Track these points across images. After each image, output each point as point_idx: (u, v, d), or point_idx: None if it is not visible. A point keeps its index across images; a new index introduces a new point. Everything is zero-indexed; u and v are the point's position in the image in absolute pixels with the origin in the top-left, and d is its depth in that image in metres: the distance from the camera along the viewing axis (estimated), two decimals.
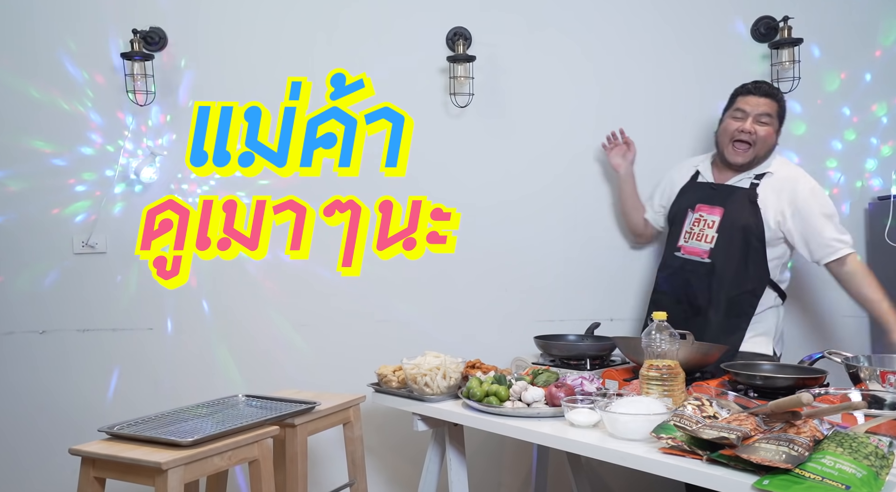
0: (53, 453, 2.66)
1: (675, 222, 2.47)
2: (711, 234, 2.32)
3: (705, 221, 2.35)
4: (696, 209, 2.38)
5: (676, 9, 2.75)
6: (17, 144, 2.70)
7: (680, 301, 2.36)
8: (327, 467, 2.79)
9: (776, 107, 2.31)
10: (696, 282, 2.34)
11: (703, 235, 2.35)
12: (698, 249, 2.36)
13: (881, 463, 1.24)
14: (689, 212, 2.40)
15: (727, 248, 2.29)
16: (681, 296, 2.37)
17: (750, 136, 2.28)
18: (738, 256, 2.29)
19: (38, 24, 2.68)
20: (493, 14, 2.75)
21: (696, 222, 2.37)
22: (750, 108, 2.30)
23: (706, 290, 2.32)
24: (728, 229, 2.30)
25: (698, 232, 2.36)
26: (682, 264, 2.39)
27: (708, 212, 2.35)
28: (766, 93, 2.31)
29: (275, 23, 2.74)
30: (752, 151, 2.29)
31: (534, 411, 1.80)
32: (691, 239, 2.38)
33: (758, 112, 2.29)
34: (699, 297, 2.33)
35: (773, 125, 2.31)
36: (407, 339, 2.68)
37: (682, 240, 2.40)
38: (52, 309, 2.73)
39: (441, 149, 2.78)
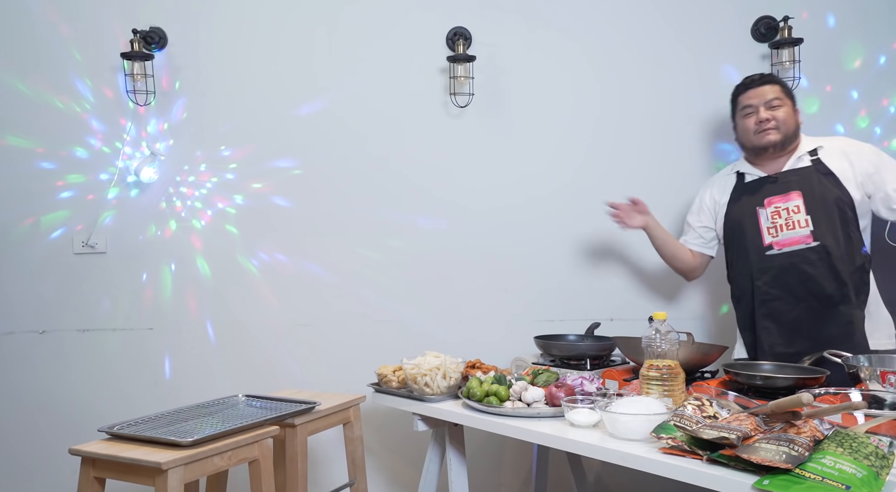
0: (53, 453, 2.66)
1: (741, 227, 2.27)
2: (802, 217, 2.14)
3: (787, 209, 2.17)
4: (767, 204, 2.20)
5: (676, 9, 2.75)
6: (16, 145, 2.70)
7: (803, 299, 2.14)
8: (327, 467, 2.79)
9: (779, 89, 2.24)
10: (814, 270, 2.11)
11: (794, 221, 2.15)
12: (797, 236, 2.15)
13: (881, 463, 1.24)
14: (759, 209, 2.22)
15: (829, 224, 2.11)
16: (802, 293, 2.14)
17: (770, 122, 2.19)
18: (841, 230, 2.11)
19: (38, 23, 2.68)
20: (493, 14, 2.75)
21: (775, 215, 2.18)
22: (755, 100, 2.24)
23: (831, 273, 2.10)
24: (818, 205, 2.13)
25: (784, 222, 2.17)
26: (784, 259, 2.16)
27: (783, 201, 2.18)
28: (762, 81, 2.26)
29: (275, 22, 2.74)
30: (780, 131, 2.19)
31: (534, 411, 1.80)
32: (780, 231, 2.18)
33: (766, 99, 2.22)
34: (826, 284, 2.10)
35: (787, 104, 2.22)
36: (407, 339, 2.68)
37: (769, 236, 2.19)
38: (52, 309, 2.73)
39: (441, 149, 2.78)
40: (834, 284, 2.10)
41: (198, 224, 2.76)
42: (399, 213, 2.78)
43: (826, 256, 2.11)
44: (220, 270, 2.76)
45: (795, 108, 2.26)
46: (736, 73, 2.67)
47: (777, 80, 2.29)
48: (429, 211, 2.78)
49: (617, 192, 2.73)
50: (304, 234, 2.77)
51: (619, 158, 2.77)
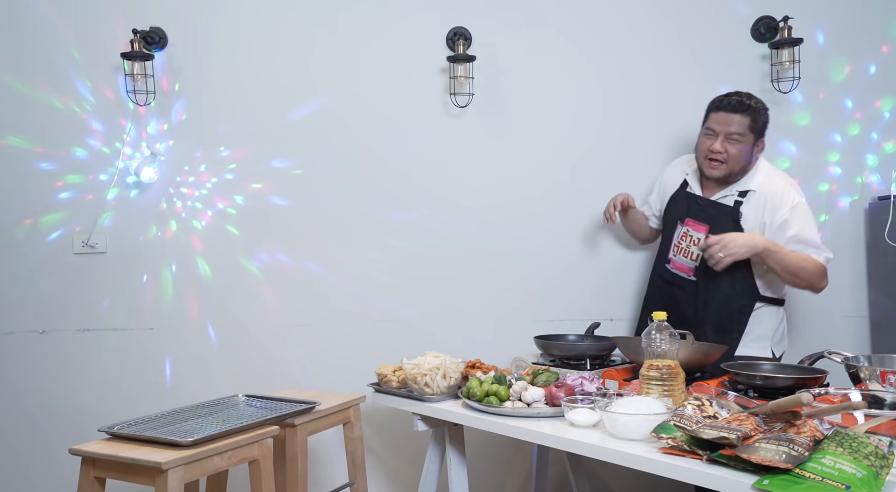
0: (53, 453, 2.66)
1: (666, 231, 2.48)
2: (697, 252, 2.31)
3: (691, 237, 2.35)
4: (685, 223, 2.38)
5: (677, 8, 2.75)
6: (15, 145, 2.70)
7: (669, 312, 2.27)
8: (327, 467, 2.79)
9: (748, 122, 2.22)
10: (683, 298, 2.35)
11: (689, 252, 2.35)
12: (685, 265, 2.36)
13: (881, 463, 1.24)
14: (679, 224, 2.40)
15: (712, 269, 2.22)
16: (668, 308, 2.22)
17: (720, 154, 2.24)
18: (723, 277, 2.24)
19: (38, 23, 2.68)
20: (493, 14, 2.75)
21: (683, 236, 2.38)
22: (719, 126, 2.24)
23: (692, 307, 2.33)
24: None
25: (685, 248, 2.37)
26: (670, 278, 2.41)
27: (694, 228, 2.34)
28: (735, 108, 2.23)
29: (275, 22, 2.74)
30: (726, 167, 2.26)
31: (534, 411, 1.80)
32: (678, 254, 2.39)
33: (727, 131, 2.23)
34: (686, 312, 2.32)
35: (746, 141, 2.23)
36: (407, 339, 2.68)
37: (672, 253, 2.41)
38: (52, 309, 2.73)
39: (441, 149, 2.78)
40: (691, 316, 2.30)
41: (198, 224, 2.76)
42: (399, 213, 2.78)
43: (695, 292, 2.33)
44: (221, 270, 2.76)
45: (759, 141, 2.28)
46: (736, 73, 2.67)
47: (751, 111, 2.24)
48: (429, 211, 2.78)
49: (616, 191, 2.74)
50: (304, 233, 2.77)
51: (619, 158, 2.78)
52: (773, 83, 2.66)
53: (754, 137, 2.26)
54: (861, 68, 2.72)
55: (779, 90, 2.66)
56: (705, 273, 2.29)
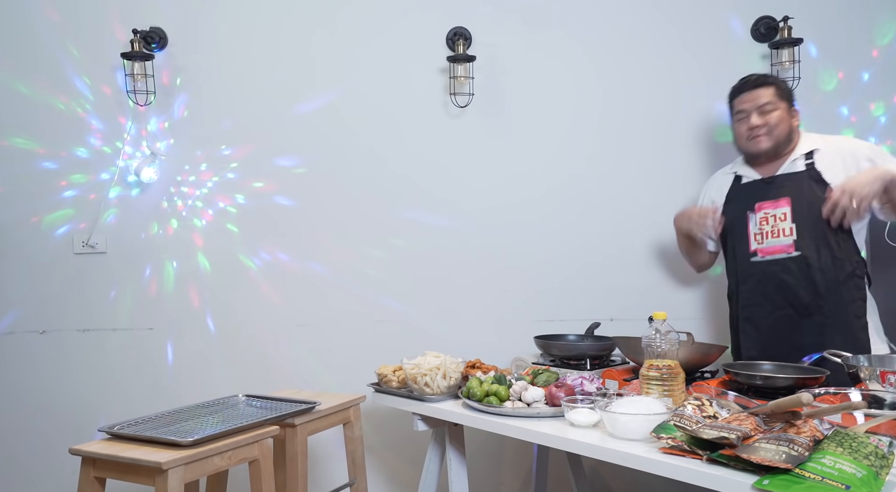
0: (53, 453, 2.66)
1: (733, 231, 2.31)
2: (788, 226, 2.16)
3: (775, 216, 2.19)
4: (757, 209, 2.23)
5: (677, 8, 2.75)
6: (17, 146, 2.70)
7: (780, 307, 2.17)
8: (327, 467, 2.79)
9: (773, 91, 2.20)
10: (793, 280, 2.15)
11: (778, 230, 2.18)
12: (779, 245, 2.18)
13: (881, 463, 1.24)
14: (750, 214, 2.25)
15: (812, 234, 2.12)
16: (779, 301, 2.18)
17: (761, 128, 2.19)
18: (828, 240, 2.11)
19: (38, 23, 2.68)
20: (493, 14, 2.75)
21: (763, 221, 2.22)
22: (748, 104, 2.22)
23: (809, 284, 2.13)
24: (805, 215, 2.14)
25: (770, 229, 2.20)
26: (766, 267, 2.21)
27: (773, 207, 2.20)
28: (756, 84, 2.22)
29: (274, 22, 2.74)
30: (772, 137, 2.19)
31: (534, 411, 1.80)
32: (766, 239, 2.21)
33: (758, 104, 2.20)
34: (803, 294, 2.13)
35: (781, 107, 2.19)
36: (407, 339, 2.68)
37: (755, 243, 2.23)
38: (52, 309, 2.73)
39: (441, 149, 2.78)
40: (810, 294, 2.13)
41: (199, 223, 2.76)
42: (399, 212, 2.78)
43: (805, 266, 2.13)
44: (221, 269, 2.76)
45: (792, 109, 2.24)
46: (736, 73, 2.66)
47: (772, 80, 2.25)
48: (429, 211, 2.78)
49: (617, 191, 2.75)
50: (305, 233, 2.77)
51: (620, 158, 2.78)
52: None
53: (787, 104, 2.22)
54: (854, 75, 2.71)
55: None
56: (809, 241, 2.13)
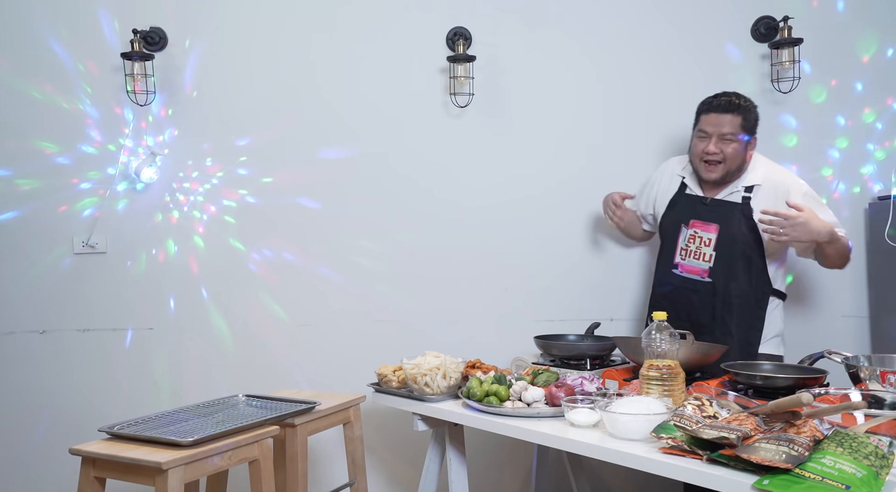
0: (53, 453, 2.66)
1: (667, 236, 2.43)
2: (709, 252, 2.28)
3: (701, 238, 2.31)
4: (690, 225, 2.34)
5: (677, 8, 2.75)
6: (16, 144, 2.70)
7: (681, 318, 2.26)
8: (327, 467, 2.79)
9: (739, 121, 2.22)
10: (698, 301, 2.31)
11: (701, 253, 2.31)
12: (697, 267, 2.32)
13: (881, 463, 1.24)
14: (683, 227, 2.36)
15: (728, 266, 2.26)
16: (682, 313, 2.29)
17: (716, 155, 2.23)
18: (739, 274, 2.25)
19: (38, 23, 2.68)
20: (493, 14, 2.75)
21: (691, 239, 2.33)
22: (711, 128, 2.23)
23: (709, 309, 2.29)
24: (726, 246, 2.26)
25: (695, 249, 2.32)
26: (681, 282, 2.35)
27: (703, 229, 2.31)
28: (725, 108, 2.22)
29: (274, 23, 2.74)
30: (723, 167, 2.24)
31: (534, 411, 1.80)
32: (688, 257, 2.34)
33: (720, 132, 2.22)
34: (701, 315, 2.29)
35: (740, 141, 2.23)
36: (407, 339, 2.68)
37: (679, 257, 2.36)
38: (52, 309, 2.73)
39: (441, 149, 2.78)
40: (708, 316, 2.29)
41: (198, 223, 2.76)
42: (399, 212, 2.78)
43: (712, 293, 2.29)
44: (221, 269, 2.76)
45: (751, 140, 2.27)
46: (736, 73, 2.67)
47: (741, 110, 2.23)
48: (429, 211, 2.78)
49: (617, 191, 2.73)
50: (305, 233, 2.77)
51: (620, 158, 2.78)
52: (773, 83, 2.66)
53: (747, 135, 2.26)
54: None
55: (779, 90, 2.66)
56: (722, 272, 2.26)
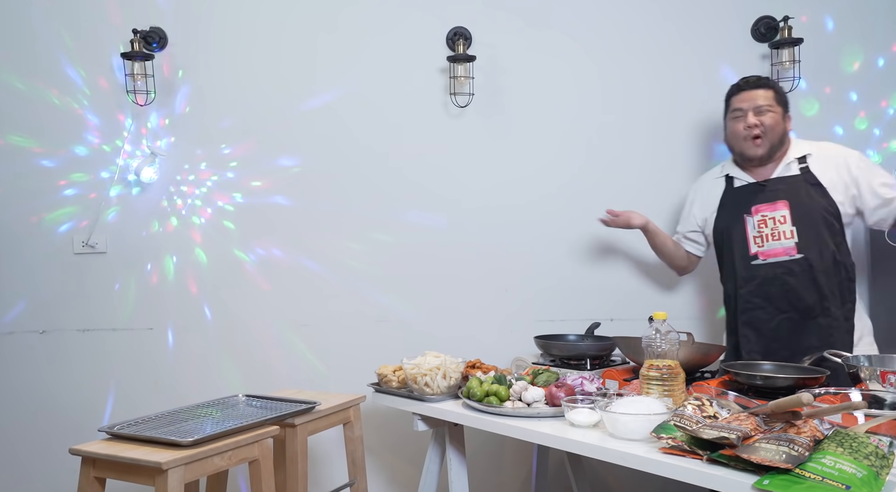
0: (53, 453, 2.66)
1: (728, 234, 2.30)
2: (788, 229, 2.16)
3: (774, 218, 2.19)
4: (754, 212, 2.23)
5: (677, 8, 2.75)
6: (15, 144, 2.70)
7: (783, 310, 2.17)
8: (327, 467, 2.79)
9: (772, 94, 2.22)
10: (797, 282, 2.15)
11: (779, 232, 2.18)
12: (781, 248, 2.18)
13: (881, 463, 1.24)
14: (747, 217, 2.24)
15: (814, 235, 2.14)
16: (783, 304, 2.18)
17: (758, 128, 2.19)
18: (828, 242, 2.14)
19: (38, 23, 2.68)
20: (493, 14, 2.75)
21: (762, 224, 2.21)
22: (746, 104, 2.23)
23: (813, 286, 2.14)
24: (804, 217, 2.15)
25: (770, 232, 2.19)
26: (768, 270, 2.20)
27: (770, 210, 2.20)
28: (755, 85, 2.24)
29: (275, 23, 2.74)
30: (767, 140, 2.20)
31: (534, 411, 1.80)
32: (766, 241, 2.21)
33: (755, 105, 2.21)
34: (806, 296, 2.15)
35: (777, 111, 2.21)
36: (407, 339, 2.68)
37: (755, 246, 2.22)
38: (52, 309, 2.73)
39: (441, 149, 2.78)
40: (815, 296, 2.14)
41: (198, 223, 2.76)
42: (400, 212, 2.78)
43: (809, 268, 2.15)
44: (221, 269, 2.76)
45: (787, 115, 2.26)
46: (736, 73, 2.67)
47: (771, 84, 2.26)
48: (429, 211, 2.78)
49: (617, 191, 2.74)
50: (305, 233, 2.77)
51: (620, 158, 2.77)
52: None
53: (782, 109, 2.24)
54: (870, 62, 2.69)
55: None
56: (811, 243, 2.14)
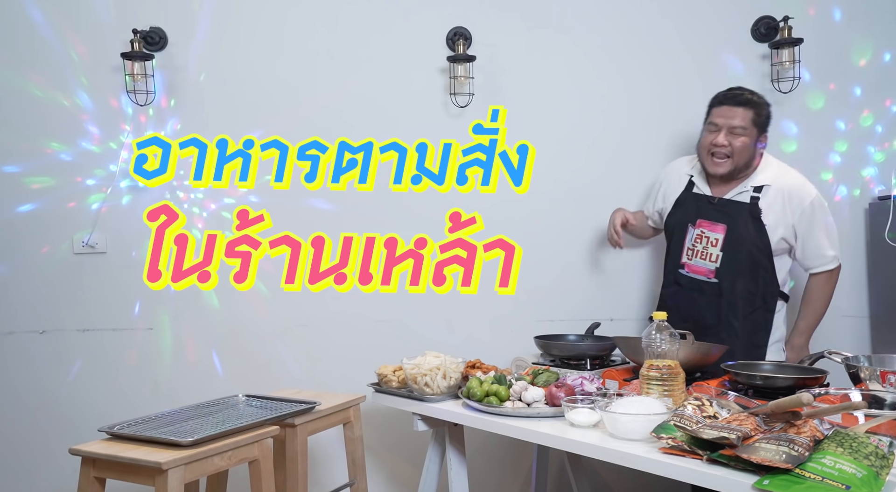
0: (53, 453, 2.66)
1: (674, 235, 2.40)
2: (716, 253, 2.26)
3: (708, 238, 2.28)
4: (697, 225, 2.31)
5: (677, 8, 2.74)
6: (14, 143, 2.70)
7: (686, 320, 2.21)
8: (327, 467, 2.79)
9: (751, 115, 2.21)
10: (703, 302, 2.29)
11: (707, 253, 2.28)
12: (703, 268, 2.30)
13: (881, 463, 1.24)
14: (690, 227, 2.33)
15: (735, 266, 2.24)
16: (687, 315, 2.26)
17: (724, 148, 2.21)
18: (747, 275, 2.24)
19: (38, 23, 2.68)
20: (493, 14, 2.75)
21: (698, 239, 2.31)
22: (722, 120, 2.22)
23: (715, 310, 2.27)
24: (733, 247, 2.24)
25: (701, 250, 2.30)
26: (687, 283, 2.33)
27: (710, 229, 2.29)
28: (739, 102, 2.22)
29: (275, 22, 2.74)
30: (731, 162, 2.22)
31: (534, 411, 1.80)
32: (695, 257, 2.31)
33: (730, 124, 2.20)
34: (707, 316, 2.27)
35: (749, 135, 2.21)
36: (407, 339, 2.68)
37: (686, 257, 2.34)
38: (52, 309, 2.73)
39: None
40: (713, 320, 2.27)
41: (198, 223, 2.76)
42: (399, 212, 2.78)
43: (717, 294, 2.27)
44: (221, 269, 2.76)
45: (762, 137, 2.26)
46: (736, 73, 2.67)
47: (754, 104, 2.23)
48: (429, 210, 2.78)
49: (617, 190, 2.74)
50: (305, 233, 2.77)
51: (620, 158, 2.77)
52: (774, 83, 2.66)
53: (758, 131, 2.24)
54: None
55: (779, 90, 2.66)
56: (728, 273, 2.25)
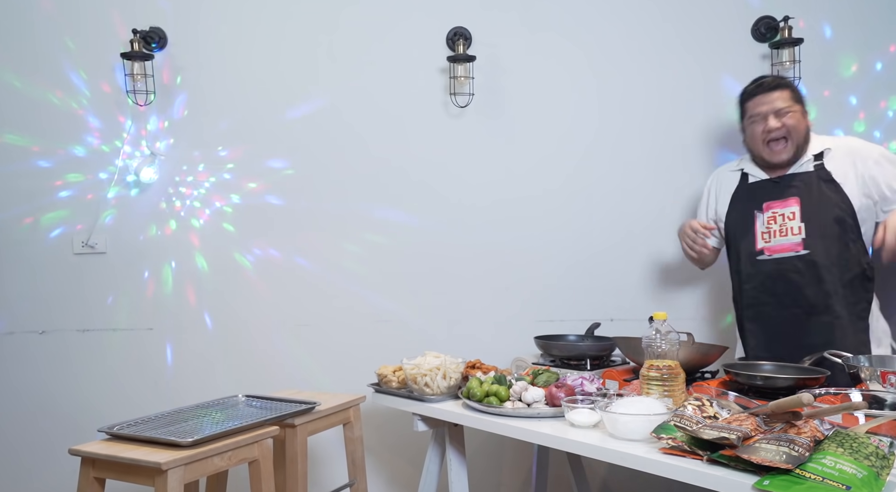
0: (53, 453, 2.66)
1: (737, 230, 2.27)
2: (796, 225, 2.12)
3: (783, 215, 2.15)
4: (765, 208, 2.19)
5: (677, 9, 2.74)
6: (15, 144, 2.70)
7: (788, 305, 2.13)
8: (327, 467, 2.79)
9: (789, 94, 2.15)
10: (800, 278, 2.11)
11: (787, 228, 2.14)
12: (788, 243, 2.14)
13: (882, 463, 1.24)
14: (757, 213, 2.21)
15: (821, 231, 2.09)
16: (787, 300, 2.14)
17: (780, 130, 2.12)
18: (835, 237, 2.08)
19: (38, 22, 2.68)
20: (493, 14, 2.75)
21: (771, 220, 2.17)
22: (765, 107, 2.14)
23: (816, 283, 2.09)
24: (814, 215, 2.10)
25: (779, 228, 2.15)
26: (774, 266, 2.16)
27: (781, 206, 2.16)
28: (771, 87, 2.16)
29: (276, 22, 2.74)
30: (791, 143, 2.13)
31: (534, 412, 1.80)
32: (773, 237, 2.17)
33: (775, 108, 2.13)
34: (810, 294, 2.10)
35: (797, 110, 2.14)
36: (407, 339, 2.68)
37: (762, 242, 2.19)
38: (52, 309, 2.73)
39: (441, 149, 2.78)
40: (818, 293, 2.10)
41: (197, 223, 2.76)
42: (400, 212, 2.78)
43: (813, 265, 2.10)
44: (221, 269, 2.76)
45: (805, 111, 2.18)
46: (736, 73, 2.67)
47: (786, 83, 2.18)
48: (429, 210, 2.78)
49: (616, 190, 2.74)
50: (305, 233, 2.77)
51: (619, 158, 2.77)
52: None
53: (801, 106, 2.17)
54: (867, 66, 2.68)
55: None
56: (816, 239, 2.09)
